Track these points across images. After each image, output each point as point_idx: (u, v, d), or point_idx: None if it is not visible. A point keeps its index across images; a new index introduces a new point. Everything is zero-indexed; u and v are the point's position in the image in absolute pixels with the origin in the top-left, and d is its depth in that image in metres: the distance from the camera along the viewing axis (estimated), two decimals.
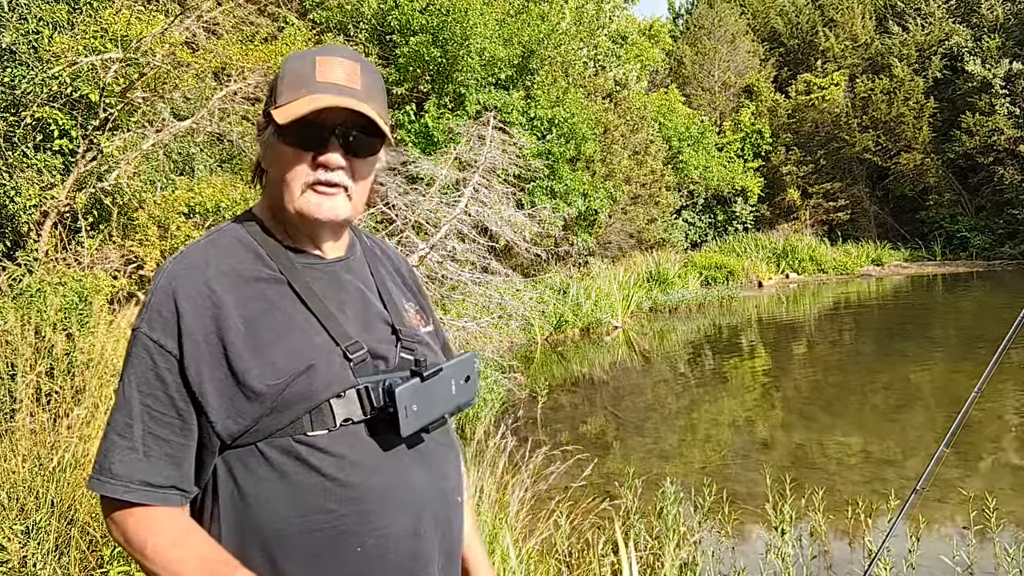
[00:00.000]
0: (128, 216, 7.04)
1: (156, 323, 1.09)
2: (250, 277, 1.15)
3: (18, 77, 5.95)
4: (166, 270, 1.13)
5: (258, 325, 1.11)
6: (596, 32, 18.19)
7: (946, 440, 2.55)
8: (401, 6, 12.81)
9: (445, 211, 8.78)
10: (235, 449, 1.10)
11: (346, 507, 1.10)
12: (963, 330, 11.87)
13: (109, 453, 1.09)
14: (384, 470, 1.14)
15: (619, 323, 13.88)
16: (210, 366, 1.08)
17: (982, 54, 22.36)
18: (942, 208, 23.56)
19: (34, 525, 2.80)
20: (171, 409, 1.09)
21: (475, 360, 1.27)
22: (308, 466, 1.09)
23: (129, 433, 1.08)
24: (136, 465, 1.08)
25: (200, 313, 1.09)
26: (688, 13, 31.22)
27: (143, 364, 1.09)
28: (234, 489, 1.10)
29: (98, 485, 1.09)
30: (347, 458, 1.11)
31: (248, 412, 1.08)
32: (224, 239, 1.19)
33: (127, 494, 1.07)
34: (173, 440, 1.09)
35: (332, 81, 1.15)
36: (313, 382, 1.10)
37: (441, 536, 1.20)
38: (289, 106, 1.13)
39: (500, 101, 13.11)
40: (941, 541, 4.45)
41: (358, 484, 1.11)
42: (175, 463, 1.09)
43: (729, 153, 24.67)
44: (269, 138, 1.18)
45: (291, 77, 1.17)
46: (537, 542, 3.75)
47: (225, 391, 1.08)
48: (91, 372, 4.09)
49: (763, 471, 5.41)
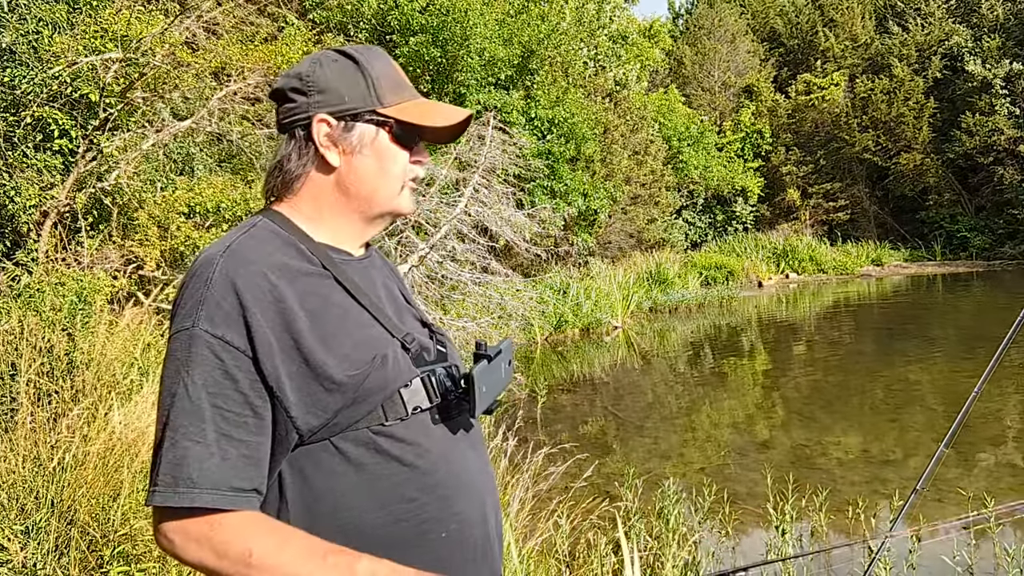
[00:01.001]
0: (128, 216, 7.04)
1: (218, 319, 1.04)
2: (300, 271, 1.12)
3: (18, 77, 5.95)
4: (217, 264, 1.07)
5: (321, 318, 1.09)
6: (596, 32, 18.20)
7: (946, 440, 2.55)
8: (401, 6, 12.81)
9: (445, 211, 8.78)
10: (307, 446, 1.08)
11: (428, 495, 1.11)
12: (963, 330, 11.87)
13: (184, 462, 1.00)
14: (453, 456, 1.16)
15: (619, 323, 13.87)
16: (284, 360, 1.05)
17: (982, 54, 22.36)
18: (942, 208, 23.55)
19: (34, 525, 2.80)
20: (246, 408, 1.04)
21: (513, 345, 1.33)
22: (388, 456, 1.09)
23: (203, 437, 1.01)
24: (220, 470, 1.01)
25: (265, 306, 1.05)
26: (688, 13, 31.22)
27: (208, 363, 1.03)
28: (304, 488, 1.07)
29: (179, 497, 0.99)
30: (423, 445, 1.12)
31: (329, 405, 1.06)
32: (262, 233, 1.15)
33: (218, 501, 1.00)
34: (249, 440, 1.04)
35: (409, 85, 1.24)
36: (386, 372, 1.11)
37: (496, 519, 1.24)
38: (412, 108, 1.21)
39: (500, 101, 13.11)
40: (941, 541, 4.45)
41: (436, 471, 1.12)
42: (255, 464, 1.04)
43: (729, 153, 24.67)
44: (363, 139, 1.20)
45: (387, 80, 1.21)
46: (537, 542, 3.75)
47: (303, 385, 1.06)
48: (91, 372, 4.09)
49: (763, 471, 5.41)
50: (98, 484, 3.02)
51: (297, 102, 1.18)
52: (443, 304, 8.91)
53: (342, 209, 1.21)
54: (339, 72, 1.18)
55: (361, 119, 1.18)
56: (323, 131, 1.18)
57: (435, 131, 1.24)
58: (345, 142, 1.18)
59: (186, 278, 1.10)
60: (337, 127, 1.18)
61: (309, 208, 1.21)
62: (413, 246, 8.56)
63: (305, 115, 1.18)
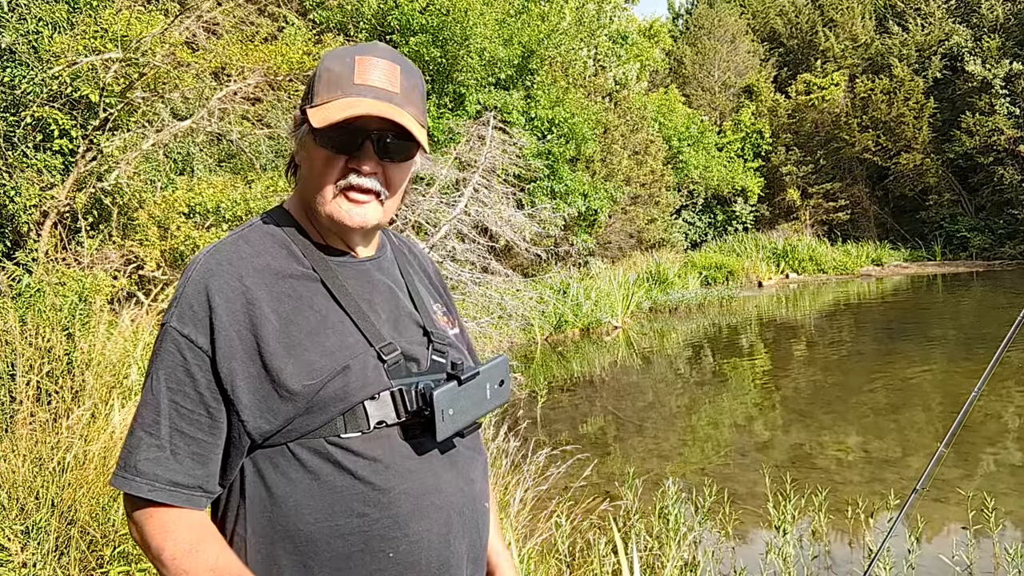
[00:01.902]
0: (128, 216, 7.05)
1: (187, 318, 1.06)
2: (283, 274, 1.12)
3: (18, 77, 5.95)
4: (198, 264, 1.10)
5: (292, 323, 1.09)
6: (596, 32, 18.19)
7: (946, 440, 2.55)
8: (401, 6, 12.81)
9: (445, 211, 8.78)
10: (265, 449, 1.08)
11: (379, 511, 1.08)
12: (963, 330, 11.87)
13: (135, 450, 1.05)
14: (417, 474, 1.12)
15: (619, 323, 13.88)
16: (243, 363, 1.05)
17: (982, 54, 22.36)
18: (942, 208, 23.56)
19: (34, 525, 2.80)
20: (200, 407, 1.06)
21: (508, 363, 1.26)
22: (341, 468, 1.07)
23: (156, 430, 1.05)
24: (163, 463, 1.05)
25: (233, 309, 1.06)
26: (688, 13, 31.24)
27: (172, 360, 1.06)
28: (262, 490, 1.08)
29: (122, 482, 1.05)
30: (381, 461, 1.09)
31: (281, 411, 1.06)
32: (256, 234, 1.16)
33: (152, 493, 1.04)
34: (201, 438, 1.06)
35: (370, 83, 1.12)
36: (348, 383, 1.08)
37: (469, 542, 1.18)
38: (325, 108, 1.11)
39: (500, 101, 13.11)
40: (941, 541, 4.45)
41: (391, 488, 1.09)
42: (202, 462, 1.06)
43: (729, 153, 24.67)
44: (304, 137, 1.16)
45: (328, 76, 1.13)
46: (537, 542, 3.75)
47: (258, 389, 1.06)
48: (91, 372, 4.09)
49: (763, 471, 5.41)
50: (98, 484, 3.02)
51: None
52: None
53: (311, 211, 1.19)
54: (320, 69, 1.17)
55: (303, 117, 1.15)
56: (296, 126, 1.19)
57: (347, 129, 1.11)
58: (297, 140, 1.18)
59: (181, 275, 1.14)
60: (297, 124, 1.18)
61: (299, 206, 1.21)
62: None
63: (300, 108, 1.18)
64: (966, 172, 23.18)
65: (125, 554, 2.83)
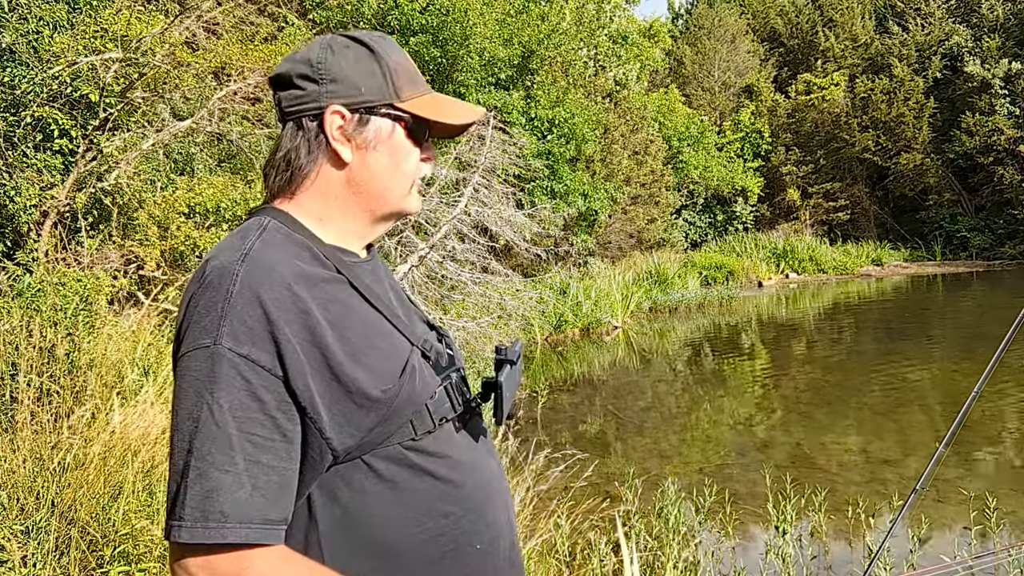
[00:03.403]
0: (128, 216, 7.04)
1: (243, 335, 0.94)
2: (318, 278, 1.04)
3: (18, 77, 5.95)
4: (237, 275, 0.97)
5: (346, 329, 1.02)
6: (596, 32, 18.19)
7: (946, 440, 2.55)
8: (401, 6, 12.81)
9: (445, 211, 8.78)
10: (337, 466, 1.02)
11: (461, 507, 1.08)
12: (963, 330, 11.87)
13: (214, 494, 0.91)
14: (478, 464, 1.14)
15: (619, 323, 13.87)
16: (314, 378, 0.98)
17: (982, 54, 22.36)
18: (942, 208, 23.56)
19: (34, 525, 2.80)
20: (275, 432, 0.95)
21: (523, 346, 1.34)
22: (422, 471, 1.05)
23: (232, 466, 0.93)
24: (250, 502, 0.93)
25: (291, 320, 0.97)
26: (688, 13, 31.24)
27: (234, 384, 0.94)
28: (335, 509, 1.02)
29: (210, 533, 0.91)
30: (451, 457, 1.09)
31: (364, 423, 1.01)
32: (275, 237, 1.06)
33: (251, 536, 0.92)
34: (279, 467, 0.96)
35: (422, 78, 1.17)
36: (415, 384, 1.06)
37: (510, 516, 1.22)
38: (427, 103, 1.13)
39: (500, 101, 13.11)
40: (942, 541, 4.45)
41: (465, 482, 1.10)
42: (287, 492, 0.97)
43: (729, 153, 24.68)
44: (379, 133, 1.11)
45: (404, 72, 1.13)
46: (538, 542, 3.75)
47: (335, 403, 0.99)
48: (92, 372, 4.09)
49: (763, 471, 5.41)
50: (99, 484, 3.02)
51: (306, 90, 1.08)
52: (443, 304, 8.91)
53: (351, 208, 1.12)
54: (354, 60, 1.10)
55: (377, 112, 1.10)
56: (336, 123, 1.08)
57: (445, 127, 1.17)
58: (359, 137, 1.10)
59: (196, 288, 1.00)
60: (351, 120, 1.09)
61: (317, 207, 1.11)
62: (413, 246, 8.56)
63: (316, 105, 1.08)
64: (966, 172, 23.19)
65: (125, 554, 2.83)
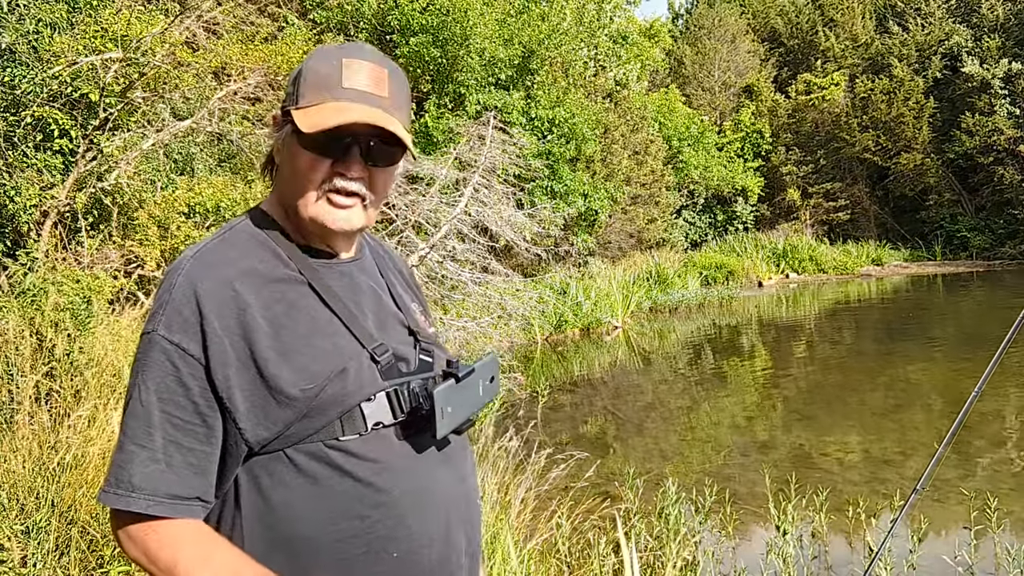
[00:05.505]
0: (128, 216, 7.04)
1: (176, 325, 1.03)
2: (271, 277, 1.10)
3: (18, 77, 5.95)
4: (183, 270, 1.07)
5: (284, 328, 1.07)
6: (596, 32, 18.18)
7: (946, 440, 2.55)
8: (401, 6, 12.81)
9: (445, 211, 8.78)
10: (260, 457, 1.06)
11: (380, 512, 1.08)
12: (963, 330, 11.87)
13: (127, 464, 1.02)
14: (415, 474, 1.12)
15: (619, 323, 13.87)
16: (238, 371, 1.03)
17: (982, 54, 22.35)
18: (942, 208, 23.55)
19: (34, 525, 2.80)
20: (195, 416, 1.03)
21: (498, 361, 1.28)
22: (341, 471, 1.06)
23: (150, 442, 1.02)
24: (160, 476, 1.02)
25: (224, 315, 1.04)
26: (688, 13, 31.22)
27: (162, 369, 1.03)
28: (258, 498, 1.06)
29: (117, 499, 1.01)
30: (380, 462, 1.09)
31: (280, 418, 1.04)
32: (239, 237, 1.14)
33: (152, 508, 1.01)
34: (197, 449, 1.03)
35: (358, 88, 1.10)
36: (346, 385, 1.08)
37: (466, 539, 1.19)
38: (313, 111, 1.09)
39: (500, 101, 13.11)
40: (941, 541, 4.45)
41: (391, 488, 1.09)
42: (200, 473, 1.04)
43: (729, 153, 24.67)
44: (287, 138, 1.14)
45: (314, 78, 1.11)
46: (538, 542, 3.75)
47: (254, 397, 1.04)
48: (92, 372, 4.09)
49: (763, 471, 5.41)
50: (99, 484, 3.02)
51: None
52: (443, 304, 8.91)
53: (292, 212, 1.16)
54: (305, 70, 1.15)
55: (286, 118, 1.14)
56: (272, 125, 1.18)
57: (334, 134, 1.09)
58: (277, 140, 1.17)
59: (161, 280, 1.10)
60: (279, 123, 1.16)
61: (278, 207, 1.19)
62: (413, 246, 8.56)
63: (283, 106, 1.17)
64: (966, 172, 23.17)
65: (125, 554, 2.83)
